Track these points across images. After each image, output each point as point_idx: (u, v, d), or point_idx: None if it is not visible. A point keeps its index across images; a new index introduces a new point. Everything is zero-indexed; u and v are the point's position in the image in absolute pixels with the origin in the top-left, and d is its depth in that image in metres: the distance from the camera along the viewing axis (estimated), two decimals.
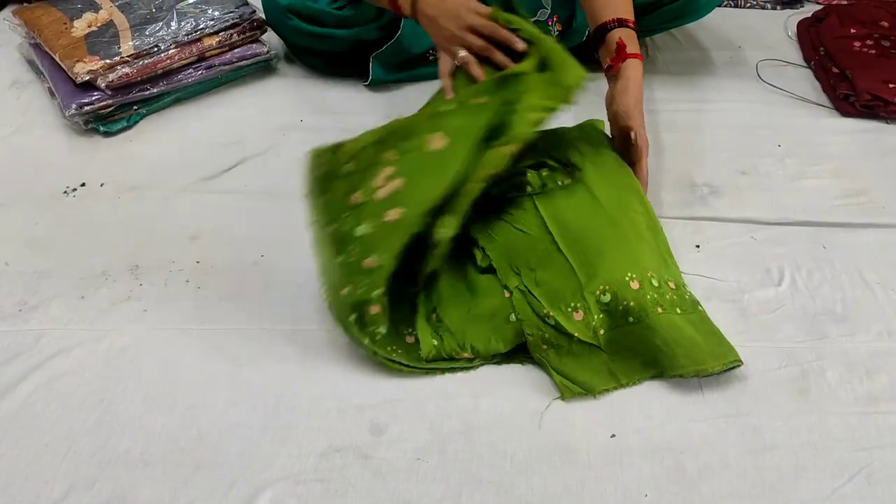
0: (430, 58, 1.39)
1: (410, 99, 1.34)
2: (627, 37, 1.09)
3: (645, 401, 0.87)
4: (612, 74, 1.09)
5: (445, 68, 1.03)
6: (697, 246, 1.07)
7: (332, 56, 1.37)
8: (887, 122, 1.30)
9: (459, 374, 0.89)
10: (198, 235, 1.06)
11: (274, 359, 0.91)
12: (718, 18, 1.57)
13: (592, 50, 1.16)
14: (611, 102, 1.09)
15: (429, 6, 1.05)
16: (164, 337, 0.93)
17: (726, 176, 1.19)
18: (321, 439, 0.83)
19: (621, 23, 1.10)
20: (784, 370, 0.91)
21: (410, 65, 1.37)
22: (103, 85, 1.20)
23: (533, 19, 1.36)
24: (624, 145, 1.08)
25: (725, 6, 1.62)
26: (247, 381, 0.88)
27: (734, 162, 1.21)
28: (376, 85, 1.37)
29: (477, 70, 0.99)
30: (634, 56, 1.08)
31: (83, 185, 1.14)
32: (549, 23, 1.36)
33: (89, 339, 0.92)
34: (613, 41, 1.09)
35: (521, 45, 0.98)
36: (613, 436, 0.84)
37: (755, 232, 1.09)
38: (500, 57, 1.00)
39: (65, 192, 1.13)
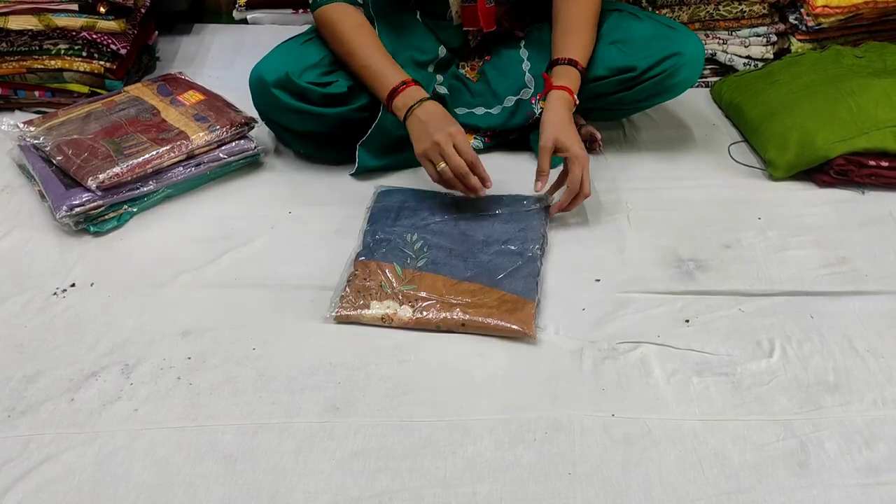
0: None
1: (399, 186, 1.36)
2: (564, 72, 1.26)
3: (645, 481, 0.86)
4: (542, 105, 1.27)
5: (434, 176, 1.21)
6: (687, 320, 1.07)
7: (318, 138, 1.38)
8: (862, 192, 1.33)
9: (459, 461, 0.88)
10: (189, 331, 1.06)
11: (268, 454, 0.89)
12: (691, 96, 1.62)
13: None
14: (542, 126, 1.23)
15: (423, 112, 1.20)
16: (156, 436, 0.92)
17: (711, 250, 1.21)
18: None
19: (572, 63, 1.27)
20: (782, 443, 0.90)
21: (396, 147, 1.38)
22: (94, 186, 1.21)
23: (516, 98, 1.40)
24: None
25: (698, 86, 1.67)
26: (240, 478, 0.87)
27: (718, 236, 1.24)
28: (364, 173, 1.39)
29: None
30: (561, 88, 1.25)
31: (73, 285, 1.14)
32: (533, 101, 1.40)
33: (79, 442, 0.91)
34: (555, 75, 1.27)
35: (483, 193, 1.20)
36: None
37: (743, 304, 1.10)
38: (473, 182, 1.18)
39: (54, 293, 1.13)
